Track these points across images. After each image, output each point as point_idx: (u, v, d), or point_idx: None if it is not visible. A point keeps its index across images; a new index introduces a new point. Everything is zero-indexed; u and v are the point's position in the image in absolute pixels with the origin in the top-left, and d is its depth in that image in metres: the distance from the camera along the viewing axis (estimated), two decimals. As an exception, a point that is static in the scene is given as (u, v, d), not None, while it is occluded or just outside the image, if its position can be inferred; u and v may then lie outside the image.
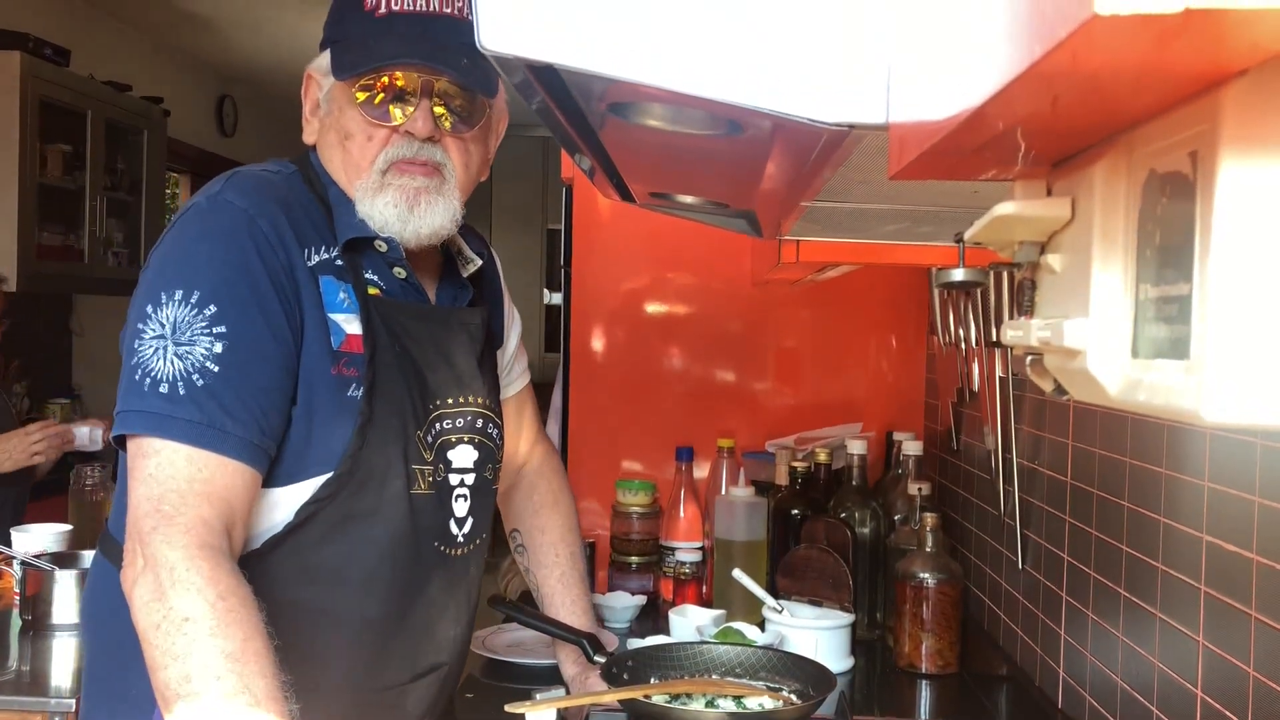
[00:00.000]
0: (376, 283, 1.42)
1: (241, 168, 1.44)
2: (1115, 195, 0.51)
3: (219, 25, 5.58)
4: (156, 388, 1.26)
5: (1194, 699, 1.28)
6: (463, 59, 1.37)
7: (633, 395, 2.72)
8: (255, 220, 1.33)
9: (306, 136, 1.49)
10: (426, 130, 1.39)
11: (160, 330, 1.27)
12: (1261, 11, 0.30)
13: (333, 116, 1.44)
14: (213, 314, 1.28)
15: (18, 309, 3.93)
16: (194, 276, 1.29)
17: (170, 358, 1.26)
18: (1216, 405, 0.41)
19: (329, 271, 1.38)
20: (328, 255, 1.39)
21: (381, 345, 1.39)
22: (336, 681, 1.40)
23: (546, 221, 8.50)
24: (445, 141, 1.43)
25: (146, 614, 1.17)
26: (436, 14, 1.39)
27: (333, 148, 1.44)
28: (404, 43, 1.37)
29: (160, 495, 1.23)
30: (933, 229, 1.31)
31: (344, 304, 1.38)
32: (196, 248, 1.32)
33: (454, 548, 1.48)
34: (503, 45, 0.64)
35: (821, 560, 2.10)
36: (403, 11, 1.38)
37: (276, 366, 1.31)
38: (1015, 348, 0.63)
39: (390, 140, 1.40)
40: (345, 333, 1.37)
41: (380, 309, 1.40)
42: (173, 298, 1.28)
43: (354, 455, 1.35)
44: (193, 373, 1.26)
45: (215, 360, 1.26)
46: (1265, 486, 1.13)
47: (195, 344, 1.26)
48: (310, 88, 1.48)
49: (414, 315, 1.45)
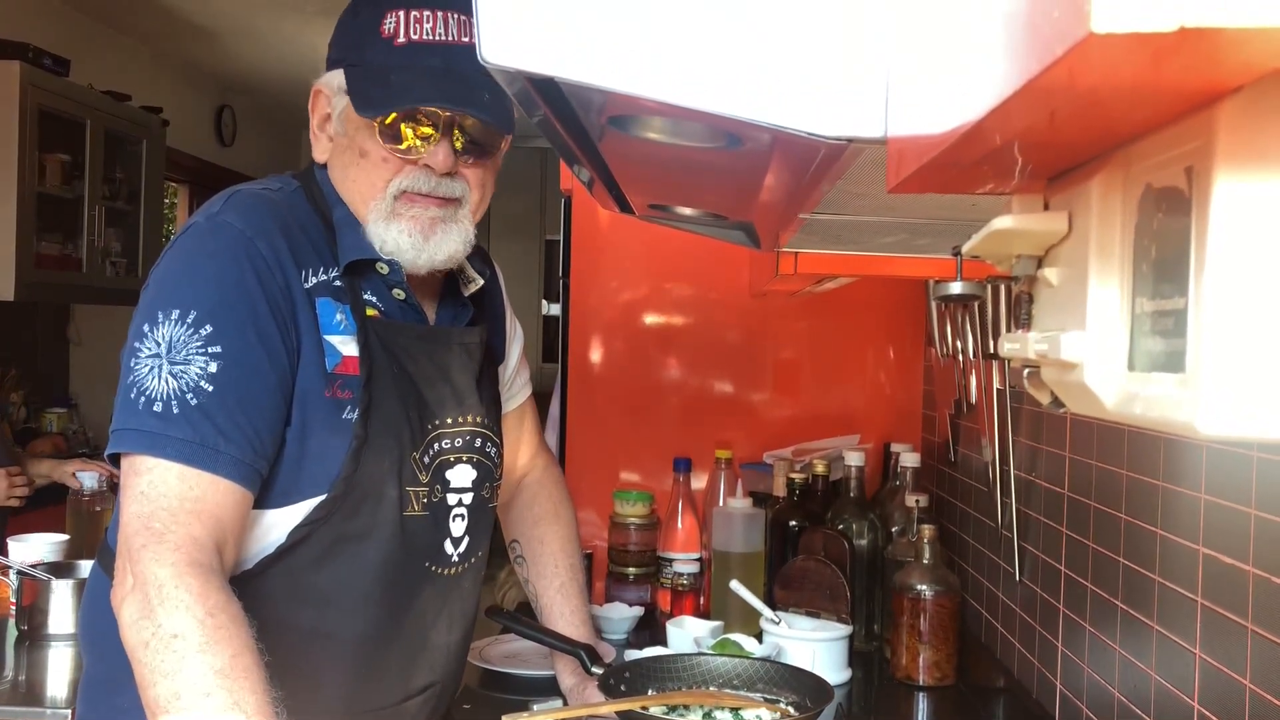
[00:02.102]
0: (375, 304, 1.42)
1: (242, 186, 1.43)
2: (1112, 210, 0.51)
3: (218, 35, 5.59)
4: (150, 406, 1.26)
5: (1191, 711, 1.28)
6: (485, 94, 1.35)
7: (631, 406, 2.72)
8: (253, 242, 1.32)
9: (317, 155, 1.47)
10: (447, 166, 1.38)
11: (156, 349, 1.28)
12: (1256, 30, 0.31)
13: (348, 137, 1.42)
14: (208, 334, 1.28)
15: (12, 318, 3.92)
16: (191, 296, 1.29)
17: (165, 376, 1.26)
18: (1212, 418, 0.42)
19: (326, 293, 1.37)
20: (325, 276, 1.38)
21: (379, 367, 1.38)
22: (329, 703, 1.39)
23: (545, 232, 8.51)
24: (463, 172, 1.42)
25: (135, 631, 1.17)
26: (456, 43, 1.36)
27: (346, 167, 1.42)
28: (429, 82, 1.35)
29: (150, 513, 1.23)
30: (930, 242, 1.32)
31: (340, 325, 1.37)
32: (194, 268, 1.32)
33: (447, 567, 1.48)
34: (503, 58, 0.64)
35: (819, 572, 2.10)
36: (422, 41, 1.35)
37: (271, 388, 1.31)
38: (1012, 360, 0.64)
39: (405, 169, 1.39)
40: (341, 355, 1.37)
41: (378, 330, 1.40)
42: (169, 317, 1.28)
43: (348, 478, 1.35)
44: (186, 392, 1.26)
45: (210, 380, 1.27)
46: (1261, 499, 1.14)
47: (190, 363, 1.27)
48: (319, 103, 1.45)
49: (412, 336, 1.44)
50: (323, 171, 1.47)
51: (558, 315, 2.80)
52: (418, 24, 1.36)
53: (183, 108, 5.99)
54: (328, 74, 1.44)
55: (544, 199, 8.48)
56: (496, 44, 0.64)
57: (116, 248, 5.07)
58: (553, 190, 7.93)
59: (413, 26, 1.36)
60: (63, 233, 4.66)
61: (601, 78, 0.64)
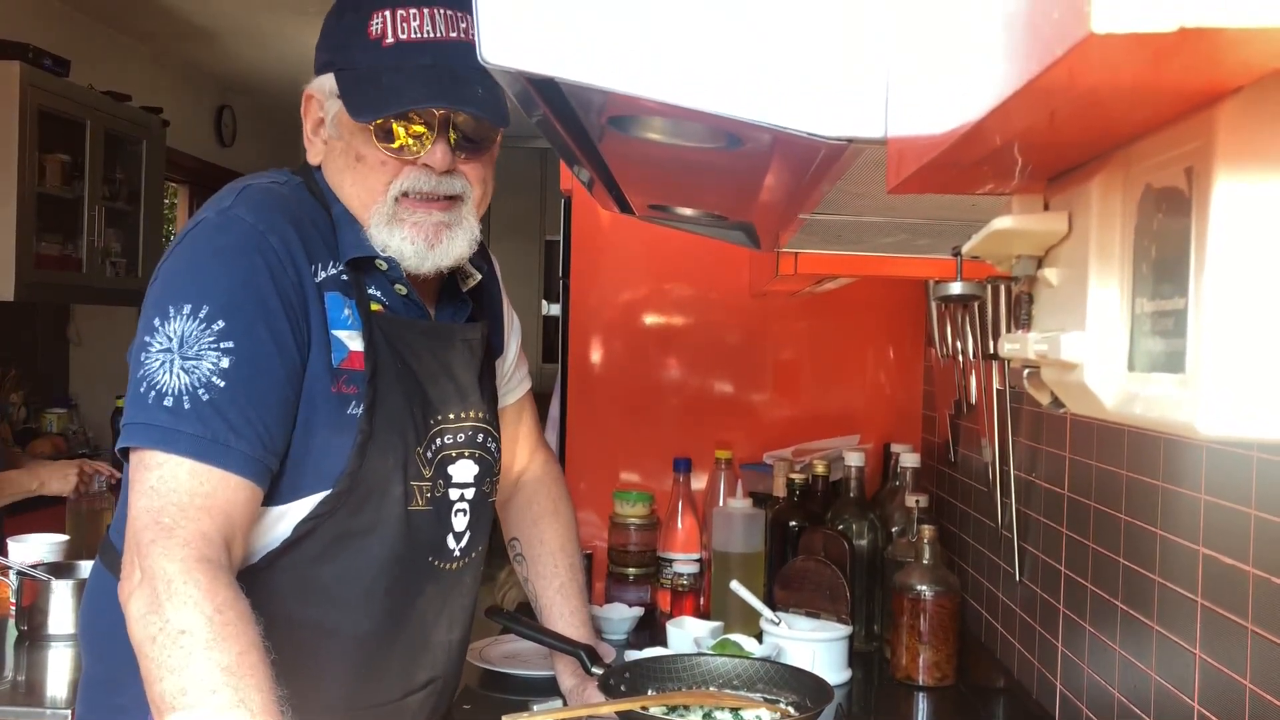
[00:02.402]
0: (379, 299, 1.42)
1: (250, 181, 1.43)
2: (1112, 210, 0.51)
3: (218, 36, 5.59)
4: (161, 401, 1.25)
5: (1191, 711, 1.28)
6: (479, 89, 1.34)
7: (631, 406, 2.72)
8: (266, 237, 1.32)
9: (311, 158, 1.46)
10: (445, 164, 1.38)
11: (167, 344, 1.27)
12: (1256, 30, 0.31)
13: (343, 140, 1.41)
14: (220, 329, 1.27)
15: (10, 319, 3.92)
16: (203, 291, 1.29)
17: (176, 371, 1.26)
18: (1212, 418, 0.42)
19: (335, 287, 1.37)
20: (334, 270, 1.38)
21: (383, 362, 1.38)
22: (331, 698, 1.39)
23: (545, 233, 8.51)
24: (461, 169, 1.41)
25: (143, 626, 1.17)
26: (445, 40, 1.35)
27: (343, 171, 1.41)
28: (421, 82, 1.34)
29: (160, 508, 1.22)
30: (930, 242, 1.32)
31: (348, 320, 1.37)
32: (207, 263, 1.32)
33: (449, 562, 1.48)
34: (503, 58, 0.64)
35: (819, 572, 2.10)
36: (410, 40, 1.34)
37: (282, 383, 1.30)
38: (1013, 360, 0.64)
39: (404, 171, 1.38)
40: (348, 349, 1.36)
41: (383, 325, 1.40)
42: (181, 311, 1.28)
43: (353, 473, 1.35)
44: (198, 387, 1.26)
45: (221, 375, 1.26)
46: (1261, 499, 1.14)
47: (202, 358, 1.26)
48: (311, 108, 1.45)
49: (416, 331, 1.44)
50: (319, 171, 1.46)
51: (558, 315, 2.80)
52: (405, 23, 1.35)
53: (183, 108, 6.00)
54: (318, 78, 1.43)
55: (544, 199, 8.49)
56: (496, 44, 0.64)
57: (116, 248, 5.07)
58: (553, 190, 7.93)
59: (400, 26, 1.35)
60: (63, 233, 4.66)
61: (601, 78, 0.64)
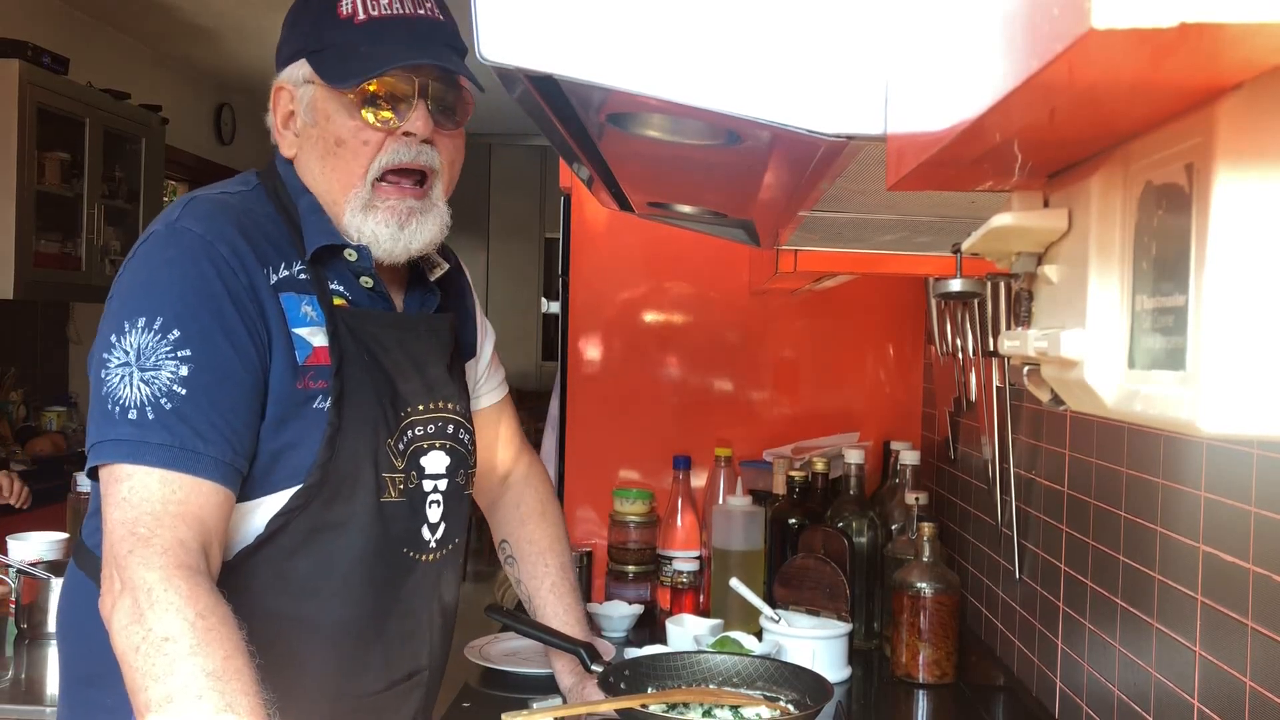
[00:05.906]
0: (342, 293, 1.42)
1: (199, 192, 1.44)
2: (1112, 207, 0.51)
3: (217, 34, 5.59)
4: (126, 414, 1.26)
5: (1191, 709, 1.28)
6: (455, 56, 1.38)
7: (630, 404, 2.72)
8: (214, 245, 1.33)
9: (285, 150, 1.47)
10: (427, 130, 1.40)
11: (125, 358, 1.28)
12: (1256, 26, 0.31)
13: (318, 126, 1.42)
14: (176, 338, 1.28)
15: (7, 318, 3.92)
16: (156, 303, 1.30)
17: (136, 384, 1.27)
18: (1212, 416, 0.42)
19: (291, 288, 1.38)
20: (288, 272, 1.39)
21: (349, 355, 1.39)
22: (313, 691, 1.40)
23: (544, 230, 8.51)
24: (438, 141, 1.43)
25: (126, 637, 1.17)
26: (414, 15, 1.39)
27: (320, 159, 1.43)
28: (404, 45, 1.37)
29: (135, 519, 1.22)
30: (930, 239, 1.32)
31: (308, 318, 1.38)
32: (157, 275, 1.32)
33: (425, 553, 1.48)
34: (502, 56, 0.64)
35: (819, 570, 2.10)
36: (381, 16, 1.38)
37: (243, 386, 1.31)
38: (1012, 358, 0.64)
39: (385, 145, 1.40)
40: (311, 346, 1.37)
41: (347, 319, 1.40)
42: (135, 325, 1.28)
43: (323, 466, 1.36)
44: (160, 397, 1.26)
45: (182, 383, 1.27)
46: (1261, 496, 1.14)
47: (161, 369, 1.27)
48: (280, 99, 1.46)
49: (382, 323, 1.45)
50: (286, 165, 1.47)
51: (557, 313, 2.80)
52: (374, 1, 1.38)
53: (182, 106, 5.99)
54: (288, 69, 1.45)
55: (543, 197, 8.49)
56: (495, 42, 0.64)
57: (116, 246, 5.07)
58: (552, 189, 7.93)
59: (369, 3, 1.38)
60: (62, 231, 4.66)
61: (600, 75, 0.64)
